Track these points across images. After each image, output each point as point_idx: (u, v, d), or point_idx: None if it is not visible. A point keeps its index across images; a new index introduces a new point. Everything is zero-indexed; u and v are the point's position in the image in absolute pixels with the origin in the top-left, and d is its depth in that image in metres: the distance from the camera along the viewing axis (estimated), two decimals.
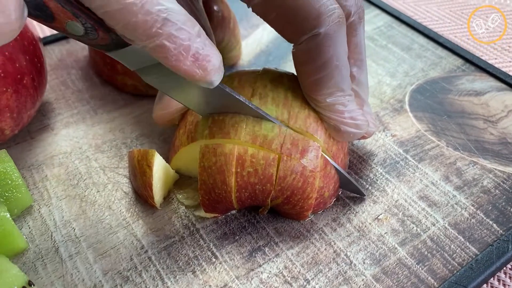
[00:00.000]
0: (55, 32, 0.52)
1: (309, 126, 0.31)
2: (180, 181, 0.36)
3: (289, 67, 0.46)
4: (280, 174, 0.29)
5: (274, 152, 0.29)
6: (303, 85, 0.32)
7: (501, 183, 0.36)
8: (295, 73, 0.36)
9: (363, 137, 0.35)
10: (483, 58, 0.49)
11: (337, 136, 0.32)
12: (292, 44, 0.31)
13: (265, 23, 0.53)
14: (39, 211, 0.34)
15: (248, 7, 0.31)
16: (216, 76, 0.25)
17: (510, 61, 0.49)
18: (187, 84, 0.28)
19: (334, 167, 0.32)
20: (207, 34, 0.32)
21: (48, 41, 0.48)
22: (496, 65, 0.48)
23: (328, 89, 0.31)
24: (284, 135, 0.30)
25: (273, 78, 0.33)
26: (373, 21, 0.52)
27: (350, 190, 0.35)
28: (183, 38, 0.24)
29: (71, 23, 0.23)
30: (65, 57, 0.47)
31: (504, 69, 0.48)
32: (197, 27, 0.24)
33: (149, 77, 0.28)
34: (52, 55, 0.47)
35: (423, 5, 0.58)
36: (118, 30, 0.23)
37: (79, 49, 0.48)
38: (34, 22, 0.54)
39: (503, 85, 0.44)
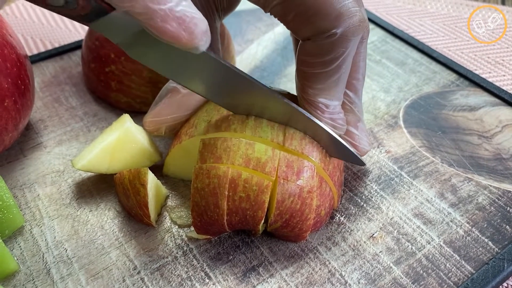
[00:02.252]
0: (49, 48, 0.52)
1: (304, 147, 0.30)
2: (172, 199, 0.36)
3: (284, 83, 0.46)
4: (278, 198, 0.29)
5: (268, 176, 0.29)
6: (299, 72, 0.31)
7: (496, 200, 0.35)
8: (290, 92, 0.36)
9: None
10: (476, 72, 0.49)
11: None
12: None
13: (259, 38, 0.53)
14: (31, 232, 0.33)
15: (266, 12, 0.31)
16: (203, 40, 0.24)
17: (504, 75, 0.49)
18: (173, 53, 0.27)
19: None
20: (215, 53, 0.33)
21: (42, 57, 0.48)
22: (490, 79, 0.48)
23: (322, 86, 0.30)
24: (278, 158, 0.29)
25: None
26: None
27: (351, 162, 0.34)
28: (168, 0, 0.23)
29: None
30: (59, 73, 0.47)
31: (497, 83, 0.48)
32: None
33: (133, 50, 0.27)
34: (45, 71, 0.47)
35: (417, 19, 0.58)
36: None
37: (72, 65, 0.48)
38: (23, 41, 0.54)
39: (497, 100, 0.44)
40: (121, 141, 0.35)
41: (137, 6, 0.23)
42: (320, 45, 0.29)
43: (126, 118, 0.36)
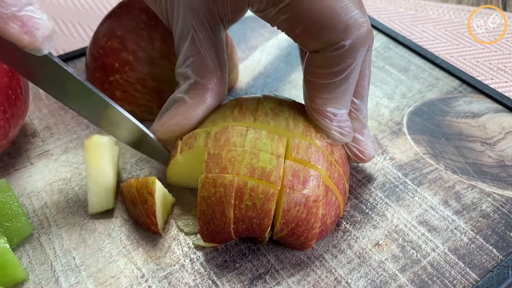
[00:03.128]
0: (54, 55, 0.53)
1: (311, 156, 0.31)
2: (179, 206, 0.36)
3: (288, 90, 0.47)
4: (284, 207, 0.29)
5: (274, 185, 0.29)
6: (307, 82, 0.32)
7: (500, 207, 0.36)
8: (295, 100, 0.36)
9: (363, 161, 0.36)
10: (479, 78, 0.50)
11: (327, 138, 0.33)
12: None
13: (263, 44, 0.53)
14: (39, 240, 0.34)
15: (273, 26, 0.32)
16: (44, 43, 0.26)
17: (506, 81, 0.50)
18: (19, 52, 0.28)
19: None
20: (221, 63, 0.34)
21: None
22: (492, 86, 0.49)
23: (330, 96, 0.31)
24: (283, 167, 0.30)
25: (274, 106, 0.33)
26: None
27: (156, 159, 0.37)
28: (12, 3, 0.25)
29: None
30: None
31: (500, 89, 0.48)
32: None
33: None
34: None
35: (419, 25, 0.58)
36: None
37: (78, 73, 0.48)
38: None
39: (500, 107, 0.44)
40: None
41: None
42: (328, 57, 0.29)
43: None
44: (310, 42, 0.30)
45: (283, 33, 0.32)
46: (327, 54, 0.29)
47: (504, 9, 0.62)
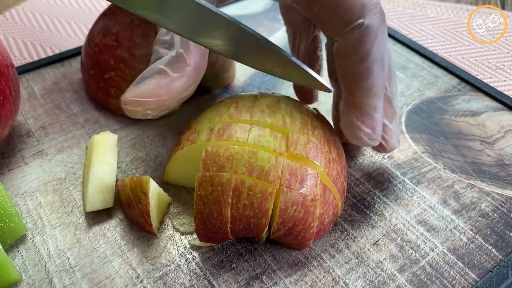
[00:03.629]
0: (49, 53, 0.52)
1: (309, 152, 0.30)
2: (175, 206, 0.36)
3: (286, 88, 0.46)
4: (281, 207, 0.29)
5: (272, 185, 0.29)
6: (343, 80, 0.32)
7: (499, 207, 0.35)
8: (291, 96, 0.36)
9: (385, 150, 0.35)
10: (478, 77, 0.49)
11: (348, 136, 0.33)
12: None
13: None
14: (33, 240, 0.33)
15: (289, 4, 0.32)
16: None
17: (505, 80, 0.49)
18: None
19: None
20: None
21: (42, 64, 0.48)
22: (491, 84, 0.48)
23: (367, 85, 0.31)
24: (281, 165, 0.29)
25: (270, 104, 0.33)
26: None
27: (315, 88, 0.32)
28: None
29: None
30: (60, 80, 0.47)
31: (499, 88, 0.48)
32: None
33: None
34: (46, 78, 0.47)
35: (417, 23, 0.58)
36: None
37: (73, 72, 0.48)
38: (22, 47, 0.53)
39: (499, 105, 0.44)
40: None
41: None
42: (350, 40, 0.30)
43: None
44: (329, 21, 0.30)
45: (280, 31, 0.31)
46: (348, 36, 0.30)
47: (503, 7, 0.62)
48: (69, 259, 0.32)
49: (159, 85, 0.31)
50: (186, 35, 0.28)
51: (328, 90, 0.31)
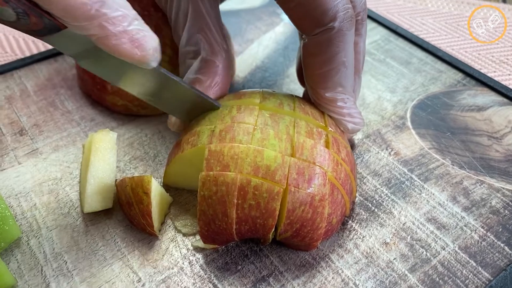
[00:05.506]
0: (42, 49, 0.51)
1: (316, 157, 0.29)
2: (177, 206, 0.34)
3: (287, 84, 0.45)
4: (289, 207, 0.28)
5: (279, 184, 0.28)
6: (308, 77, 0.33)
7: (510, 203, 0.35)
8: (293, 94, 0.35)
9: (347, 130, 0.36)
10: (482, 71, 0.48)
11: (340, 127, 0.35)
12: (302, 39, 0.33)
13: (260, 37, 0.52)
14: (28, 244, 0.32)
15: None
16: (154, 56, 0.26)
17: (509, 74, 0.48)
18: (123, 67, 0.29)
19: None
20: (224, 35, 0.35)
21: (35, 59, 0.46)
22: (495, 78, 0.47)
23: (332, 84, 0.32)
24: (288, 165, 0.28)
25: (274, 106, 0.32)
26: (370, 35, 0.51)
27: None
28: (121, 19, 0.24)
29: (1, 9, 0.23)
30: (53, 76, 0.45)
31: (503, 82, 0.47)
32: (133, 11, 0.25)
33: (84, 61, 0.28)
34: (39, 74, 0.45)
35: (418, 18, 0.57)
36: (56, 13, 0.24)
37: (67, 68, 0.46)
38: (14, 43, 0.52)
39: (505, 100, 0.43)
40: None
41: (90, 27, 0.24)
42: (320, 42, 0.31)
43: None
44: (301, 20, 0.31)
45: (280, 26, 0.32)
46: (319, 38, 0.31)
47: (504, 1, 0.61)
48: (66, 262, 0.31)
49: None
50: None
51: (216, 108, 0.33)
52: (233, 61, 0.43)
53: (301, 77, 0.40)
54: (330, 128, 0.32)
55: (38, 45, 0.52)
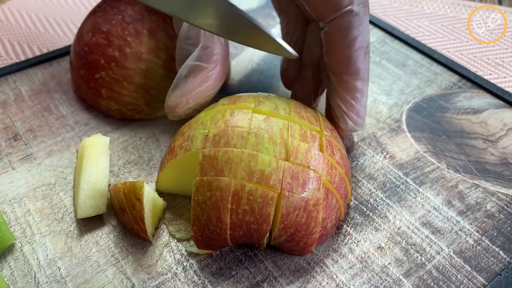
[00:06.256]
0: (37, 53, 0.51)
1: (310, 160, 0.29)
2: (170, 210, 0.34)
3: (282, 87, 0.45)
4: (283, 212, 0.28)
5: (273, 189, 0.27)
6: (330, 65, 0.34)
7: (505, 207, 0.34)
8: (289, 97, 0.34)
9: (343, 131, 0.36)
10: (477, 73, 0.48)
11: (338, 122, 0.35)
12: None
13: None
14: (21, 250, 0.32)
15: None
16: None
17: (505, 76, 0.48)
18: None
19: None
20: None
21: (30, 64, 0.46)
22: (491, 81, 0.47)
23: (356, 69, 0.33)
24: (282, 169, 0.28)
25: (269, 110, 0.32)
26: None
27: (279, 54, 0.34)
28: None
29: None
30: (48, 80, 0.45)
31: (499, 85, 0.47)
32: None
33: None
34: (34, 78, 0.45)
35: (414, 20, 0.57)
36: None
37: (62, 72, 0.46)
38: (9, 47, 0.52)
39: (501, 102, 0.43)
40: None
41: None
42: (340, 28, 0.32)
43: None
44: (320, 4, 0.32)
45: (275, 28, 0.32)
46: (337, 22, 0.32)
47: (500, 3, 0.61)
48: (60, 269, 0.31)
49: (201, 79, 0.33)
50: (183, 16, 0.30)
51: (294, 56, 0.32)
52: (229, 64, 0.42)
53: (285, 79, 0.41)
54: (325, 132, 0.32)
55: (33, 49, 0.52)
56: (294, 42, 0.39)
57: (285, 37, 0.40)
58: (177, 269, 0.31)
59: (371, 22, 0.53)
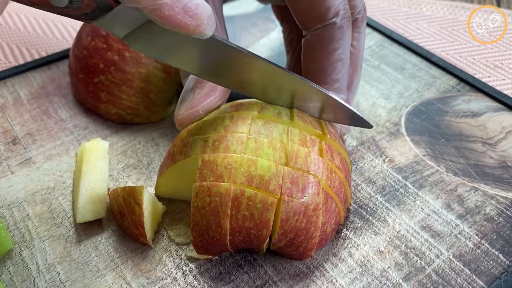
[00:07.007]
0: (35, 57, 0.50)
1: (310, 165, 0.29)
2: (170, 215, 0.34)
3: None
4: (282, 217, 0.28)
5: (273, 194, 0.27)
6: (306, 72, 0.34)
7: (504, 210, 0.34)
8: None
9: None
10: (476, 76, 0.48)
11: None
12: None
13: (254, 44, 0.52)
14: (21, 255, 0.32)
15: None
16: (209, 25, 0.25)
17: (503, 79, 0.48)
18: (177, 42, 0.28)
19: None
20: (227, 36, 0.36)
21: (28, 67, 0.46)
22: (490, 83, 0.47)
23: (331, 80, 0.34)
24: (282, 174, 0.28)
25: (272, 116, 0.32)
26: (365, 41, 0.51)
27: (357, 125, 0.35)
28: None
29: None
30: (47, 84, 0.45)
31: (497, 87, 0.47)
32: None
33: (136, 44, 0.28)
34: (32, 82, 0.45)
35: (413, 22, 0.57)
36: None
37: (61, 75, 0.46)
38: (8, 50, 0.52)
39: (500, 105, 0.43)
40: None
41: (143, 0, 0.23)
42: (321, 38, 0.33)
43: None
44: (305, 14, 0.33)
45: (274, 32, 0.32)
46: (321, 33, 0.33)
47: (498, 5, 0.61)
48: (59, 273, 0.31)
49: (209, 89, 0.33)
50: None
51: (369, 126, 0.34)
52: None
53: None
54: (328, 136, 0.32)
55: (32, 53, 0.52)
56: (299, 50, 0.39)
57: (288, 45, 0.41)
58: (176, 273, 0.31)
59: (370, 25, 0.53)
